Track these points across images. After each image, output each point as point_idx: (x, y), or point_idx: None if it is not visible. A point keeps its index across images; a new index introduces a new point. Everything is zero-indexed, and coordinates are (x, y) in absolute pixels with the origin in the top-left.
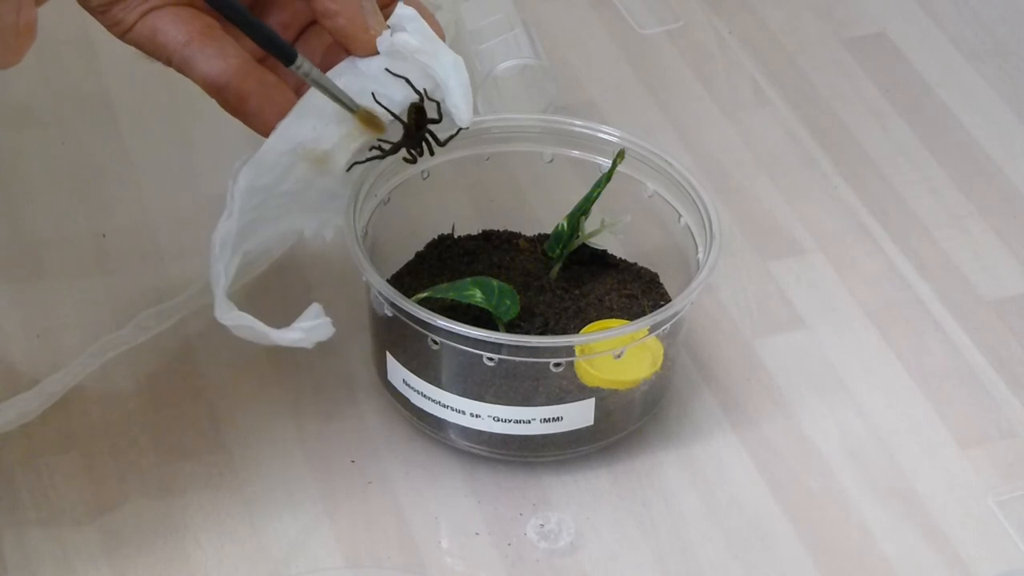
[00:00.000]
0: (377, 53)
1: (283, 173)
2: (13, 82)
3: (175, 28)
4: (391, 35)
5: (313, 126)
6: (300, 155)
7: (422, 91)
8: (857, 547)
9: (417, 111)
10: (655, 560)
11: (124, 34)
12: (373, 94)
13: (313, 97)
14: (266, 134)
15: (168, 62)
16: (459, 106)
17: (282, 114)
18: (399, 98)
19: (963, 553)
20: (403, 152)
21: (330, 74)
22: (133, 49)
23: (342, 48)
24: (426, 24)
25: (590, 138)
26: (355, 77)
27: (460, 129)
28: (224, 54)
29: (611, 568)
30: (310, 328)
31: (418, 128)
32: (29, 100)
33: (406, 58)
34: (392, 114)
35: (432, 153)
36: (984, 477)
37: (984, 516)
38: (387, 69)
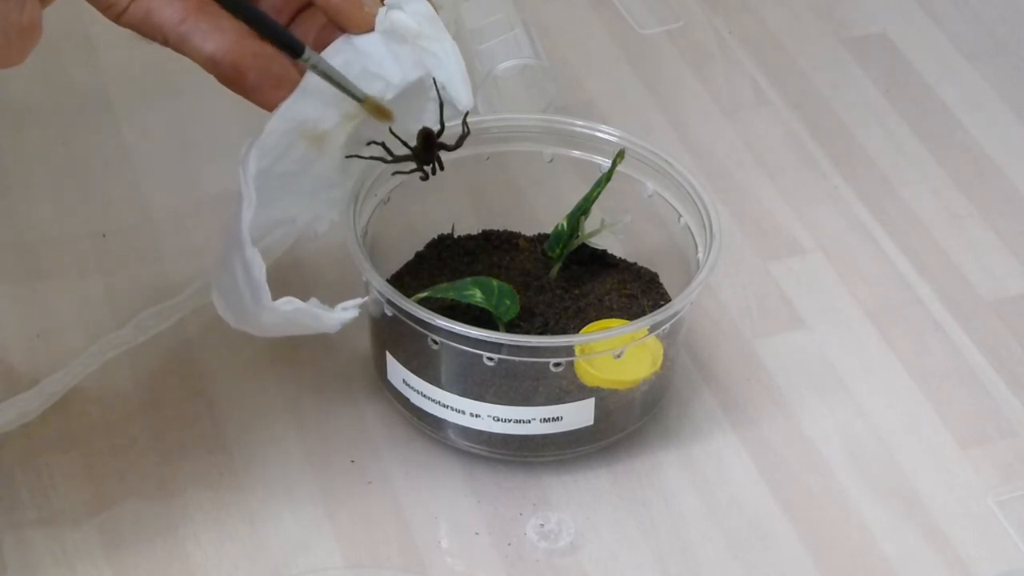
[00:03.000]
0: (372, 29)
1: (281, 153)
2: (13, 82)
3: (170, 7)
4: (387, 13)
5: (315, 106)
6: (299, 134)
7: (435, 127)
8: (857, 547)
9: (426, 137)
10: (655, 560)
11: (118, 17)
12: (391, 130)
13: (314, 76)
14: (267, 107)
15: (164, 42)
16: (459, 90)
17: (282, 87)
18: (396, 79)
19: (963, 553)
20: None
21: (326, 52)
22: (128, 33)
23: (336, 26)
24: (427, 4)
25: (590, 138)
26: (353, 55)
27: (468, 133)
28: (220, 28)
29: (611, 568)
30: (353, 307)
31: (426, 151)
32: (29, 100)
33: (404, 39)
34: (401, 141)
35: (442, 167)
36: (984, 477)
37: (984, 516)
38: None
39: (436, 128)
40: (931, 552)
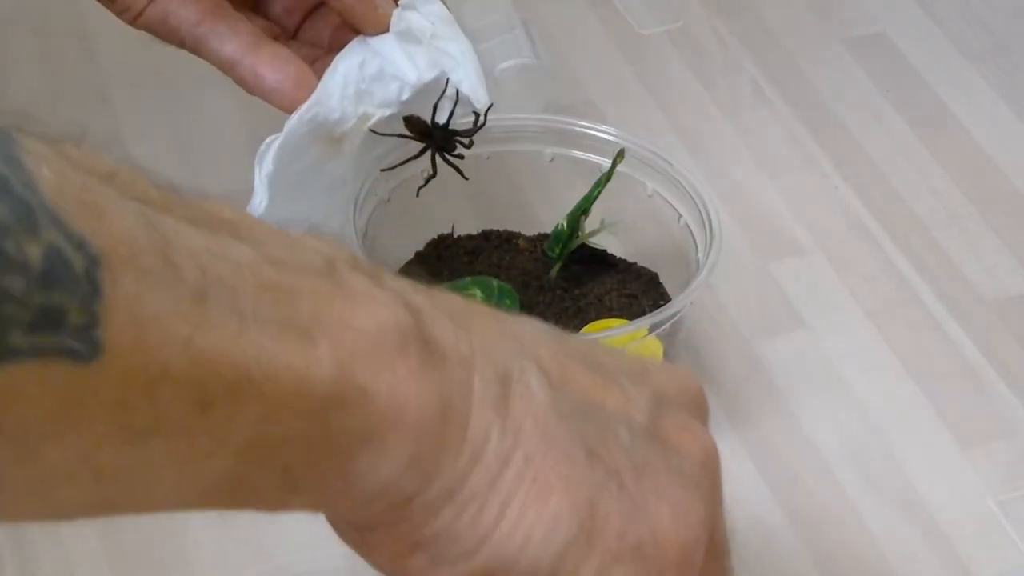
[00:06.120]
0: (387, 30)
1: (299, 154)
2: (13, 82)
3: (185, 9)
4: (401, 14)
5: (334, 108)
6: (318, 136)
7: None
8: (857, 547)
9: (408, 121)
10: None
11: (135, 20)
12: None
13: (333, 78)
14: (287, 110)
15: (181, 44)
16: (476, 89)
17: (301, 88)
18: (412, 79)
19: (963, 553)
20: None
21: (341, 55)
22: (129, 32)
23: (350, 28)
24: (440, 5)
25: (590, 138)
26: (370, 56)
27: (483, 124)
28: (236, 31)
29: None
30: None
31: (431, 136)
32: (29, 100)
33: (419, 40)
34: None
35: (463, 153)
36: (984, 477)
37: (984, 516)
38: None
39: (443, 119)
40: (931, 552)
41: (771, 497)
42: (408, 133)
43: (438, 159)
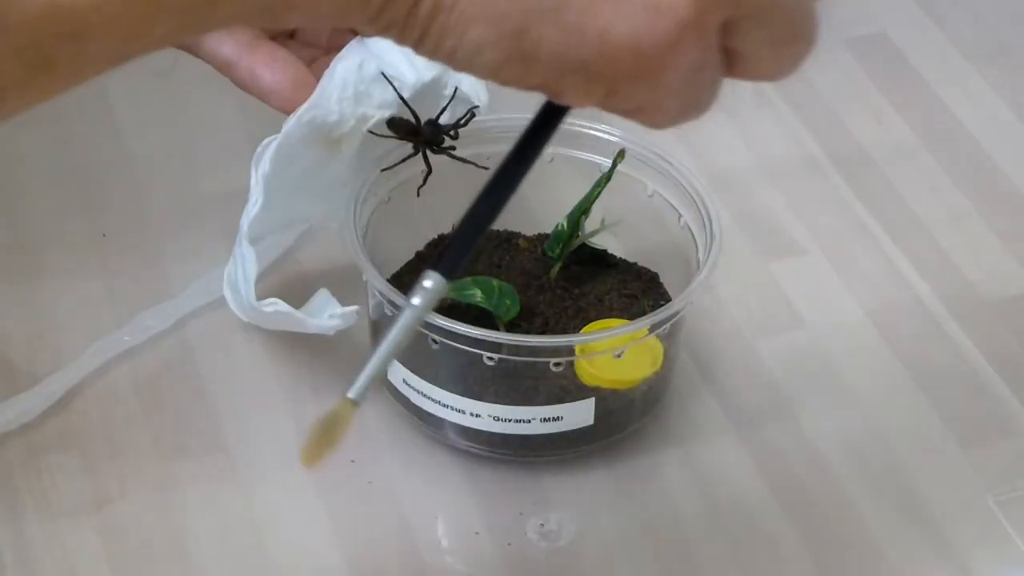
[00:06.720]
0: None
1: (298, 154)
2: None
3: None
4: None
5: (332, 110)
6: (315, 138)
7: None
8: (857, 547)
9: (390, 125)
10: (655, 560)
11: None
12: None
13: (331, 80)
14: (282, 110)
15: (178, 45)
16: (476, 88)
17: (299, 90)
18: (411, 79)
19: (963, 553)
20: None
21: (340, 56)
22: None
23: (348, 29)
24: None
25: (590, 138)
26: (368, 57)
27: (472, 112)
28: (233, 31)
29: (611, 568)
30: (342, 315)
31: (418, 134)
32: None
33: None
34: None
35: (456, 137)
36: (984, 477)
37: (984, 516)
38: (382, 74)
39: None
40: (931, 552)
41: (771, 497)
42: (394, 135)
43: (446, 155)
